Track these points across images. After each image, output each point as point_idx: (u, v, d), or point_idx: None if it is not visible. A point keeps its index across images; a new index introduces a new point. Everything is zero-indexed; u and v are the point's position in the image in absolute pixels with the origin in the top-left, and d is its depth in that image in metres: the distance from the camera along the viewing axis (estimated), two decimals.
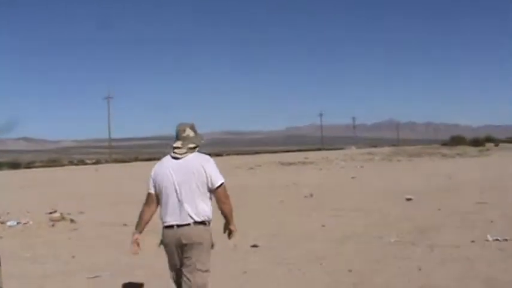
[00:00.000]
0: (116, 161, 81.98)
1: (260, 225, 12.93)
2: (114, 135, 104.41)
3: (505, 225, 11.65)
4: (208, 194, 5.39)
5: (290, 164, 49.02)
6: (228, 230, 5.63)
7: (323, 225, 12.58)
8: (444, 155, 61.23)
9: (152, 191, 5.54)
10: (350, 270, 8.24)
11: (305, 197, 19.16)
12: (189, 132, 5.51)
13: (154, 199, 5.54)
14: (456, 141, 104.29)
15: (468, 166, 37.60)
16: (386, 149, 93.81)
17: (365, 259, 9.00)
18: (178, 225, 5.30)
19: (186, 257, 5.34)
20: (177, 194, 5.32)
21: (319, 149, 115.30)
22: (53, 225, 13.99)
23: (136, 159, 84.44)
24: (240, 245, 10.46)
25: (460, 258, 8.81)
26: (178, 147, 5.44)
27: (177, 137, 5.51)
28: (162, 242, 5.56)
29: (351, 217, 13.80)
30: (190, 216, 5.27)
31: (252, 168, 42.52)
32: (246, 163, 51.12)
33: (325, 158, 59.12)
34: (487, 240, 10.11)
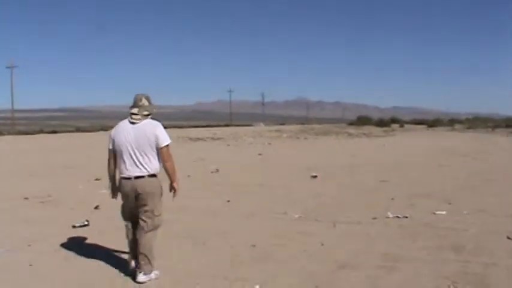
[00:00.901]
0: (19, 132, 79.23)
1: (165, 199, 12.78)
2: (17, 106, 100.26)
3: (405, 203, 11.99)
4: (156, 152, 6.66)
5: (198, 139, 48.83)
6: (172, 188, 6.89)
7: (228, 201, 12.58)
8: (350, 134, 62.38)
9: (111, 147, 6.84)
10: (253, 245, 8.28)
11: (212, 172, 19.10)
12: (145, 102, 6.75)
13: (112, 156, 6.87)
14: (362, 121, 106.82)
15: (373, 146, 38.46)
16: (294, 127, 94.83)
17: (269, 234, 9.05)
18: (135, 177, 6.56)
19: (143, 204, 6.67)
20: (133, 152, 6.57)
21: (228, 125, 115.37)
22: None
23: (40, 132, 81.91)
24: None
25: (361, 234, 9.01)
26: (135, 114, 6.68)
27: (134, 105, 6.73)
28: (119, 190, 6.86)
29: (257, 193, 13.85)
30: (145, 170, 6.57)
31: None
32: None
33: (233, 134, 59.27)
34: (388, 217, 10.39)
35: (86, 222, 9.95)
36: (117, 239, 8.82)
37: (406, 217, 10.36)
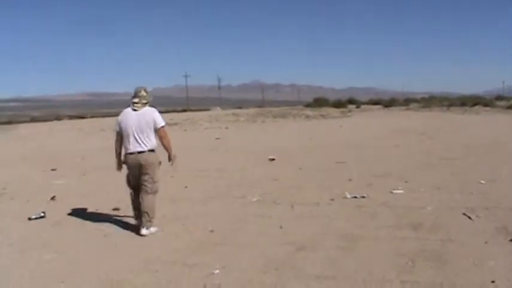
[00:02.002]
0: None
1: (122, 187, 12.65)
2: None
3: (362, 183, 12.06)
4: (154, 132, 8.38)
5: None
6: (170, 159, 8.73)
7: (186, 186, 12.51)
8: (308, 116, 62.43)
9: (118, 130, 8.50)
10: (212, 231, 8.26)
11: None
12: (143, 93, 8.47)
13: (119, 137, 8.51)
14: (319, 103, 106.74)
15: (330, 127, 38.58)
16: (252, 110, 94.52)
17: (227, 219, 9.05)
18: (138, 152, 8.25)
19: (145, 173, 8.34)
20: (136, 133, 8.24)
21: (185, 110, 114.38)
22: None
23: None
24: (101, 209, 10.26)
25: (320, 216, 9.04)
26: (136, 103, 8.39)
27: (135, 95, 8.44)
28: (125, 163, 8.50)
29: (214, 177, 13.78)
30: (145, 146, 8.27)
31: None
32: (110, 125, 49.95)
33: (190, 119, 58.87)
34: (346, 198, 10.44)
35: (43, 214, 9.79)
36: (74, 230, 8.75)
37: (364, 197, 10.43)
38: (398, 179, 12.46)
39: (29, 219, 9.64)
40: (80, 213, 9.94)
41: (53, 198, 11.65)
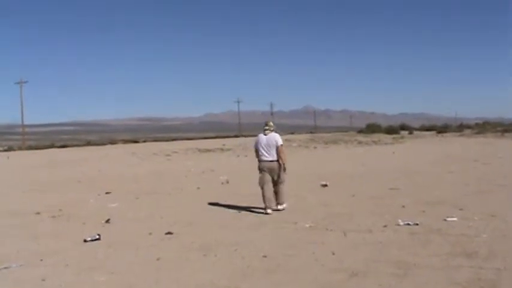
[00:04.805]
0: (30, 147, 79.07)
1: (175, 212, 12.84)
2: (28, 121, 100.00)
3: (415, 210, 11.95)
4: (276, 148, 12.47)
5: (208, 150, 48.78)
6: (284, 168, 12.54)
7: (239, 211, 12.60)
8: (360, 142, 62.25)
9: (255, 147, 12.74)
10: (265, 256, 8.27)
11: (222, 183, 19.11)
12: (271, 123, 12.80)
13: (256, 150, 12.74)
14: (371, 128, 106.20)
15: (383, 153, 38.34)
16: (304, 136, 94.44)
17: (280, 244, 9.05)
18: (270, 161, 12.39)
19: (276, 174, 12.45)
20: (266, 148, 12.43)
21: (237, 136, 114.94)
22: None
23: (51, 146, 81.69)
24: (155, 232, 10.38)
25: (373, 243, 8.98)
26: (266, 129, 12.57)
27: (266, 125, 12.73)
28: (259, 168, 12.60)
29: None
30: (273, 157, 12.39)
31: (168, 155, 42.06)
32: (162, 150, 50.52)
33: (242, 144, 59.14)
34: (399, 225, 10.34)
35: (98, 236, 9.99)
36: (127, 253, 8.86)
37: (417, 224, 10.33)
38: (452, 206, 12.31)
39: (85, 241, 9.83)
40: (134, 236, 10.10)
41: (107, 221, 11.87)
